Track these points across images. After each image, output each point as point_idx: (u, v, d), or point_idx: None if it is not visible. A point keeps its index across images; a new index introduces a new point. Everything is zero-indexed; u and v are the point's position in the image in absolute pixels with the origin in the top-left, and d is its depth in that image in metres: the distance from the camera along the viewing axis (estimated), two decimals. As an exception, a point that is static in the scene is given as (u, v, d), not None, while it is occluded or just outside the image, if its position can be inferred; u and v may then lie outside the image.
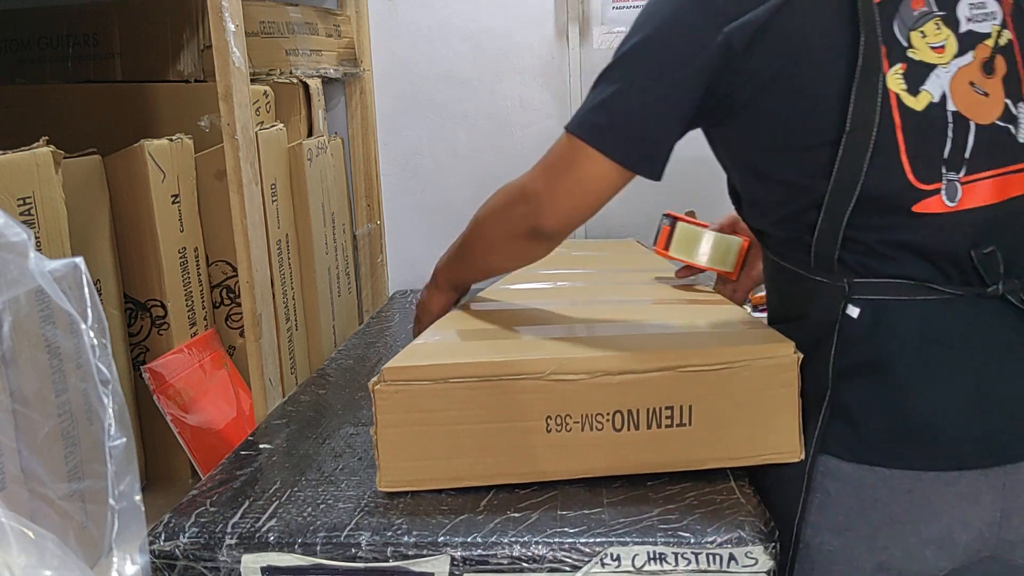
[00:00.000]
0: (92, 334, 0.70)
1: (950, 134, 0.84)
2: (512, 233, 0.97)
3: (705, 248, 1.19)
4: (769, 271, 1.00)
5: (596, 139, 0.87)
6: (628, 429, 0.87)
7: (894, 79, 0.83)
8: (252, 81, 1.31)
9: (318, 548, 0.82)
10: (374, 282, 1.94)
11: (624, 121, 0.87)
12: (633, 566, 0.80)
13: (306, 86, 1.63)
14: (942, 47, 0.84)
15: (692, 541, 0.81)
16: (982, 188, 0.84)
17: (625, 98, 0.87)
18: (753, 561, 0.80)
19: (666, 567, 0.80)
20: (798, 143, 0.86)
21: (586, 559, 0.81)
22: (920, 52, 0.84)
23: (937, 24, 0.84)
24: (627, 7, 1.81)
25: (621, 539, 0.81)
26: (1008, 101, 0.85)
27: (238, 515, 0.87)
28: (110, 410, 0.70)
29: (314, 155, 1.58)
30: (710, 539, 0.81)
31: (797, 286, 0.91)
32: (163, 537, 0.85)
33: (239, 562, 0.83)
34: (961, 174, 0.84)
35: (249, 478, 0.96)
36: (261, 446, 1.06)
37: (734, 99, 0.86)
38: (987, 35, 0.85)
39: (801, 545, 0.91)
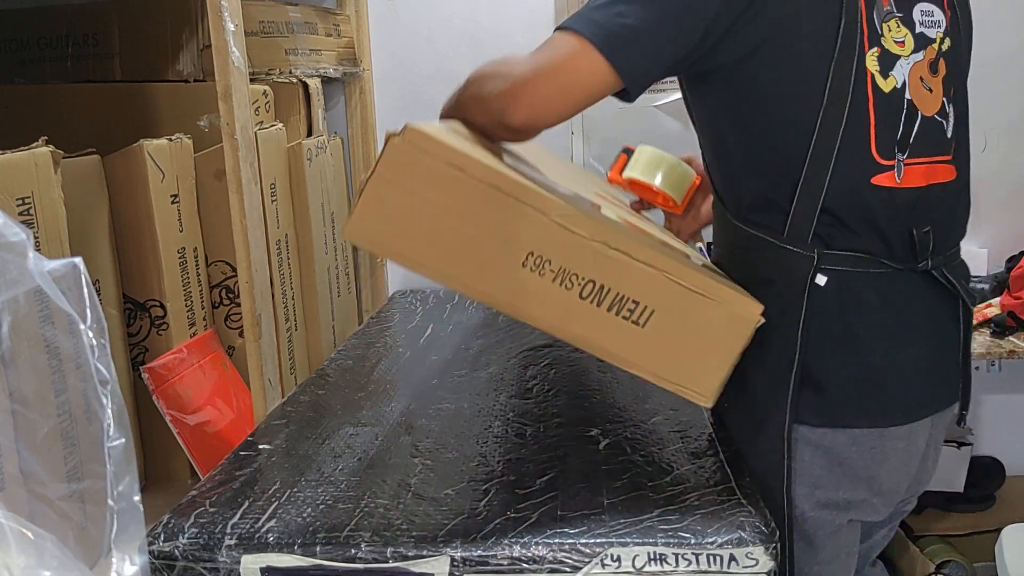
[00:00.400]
0: (91, 334, 0.70)
1: (903, 119, 0.94)
2: (484, 111, 0.96)
3: (664, 170, 1.18)
4: (731, 238, 1.02)
5: (602, 41, 0.87)
6: (591, 302, 0.86)
7: (871, 59, 0.92)
8: (251, 81, 1.31)
9: (318, 549, 0.82)
10: (374, 282, 1.94)
11: (629, 32, 0.88)
12: (633, 567, 0.80)
13: (305, 86, 1.62)
14: (903, 42, 0.94)
15: (692, 542, 0.81)
16: (917, 172, 0.95)
17: (634, 12, 0.88)
18: (754, 562, 0.80)
19: (666, 568, 0.80)
20: (783, 113, 0.92)
21: (586, 560, 0.80)
22: (888, 42, 0.93)
23: (897, 23, 0.94)
24: (627, 7, 1.80)
25: (621, 540, 0.81)
26: (944, 99, 0.97)
27: (237, 516, 0.87)
28: (109, 410, 0.70)
29: (314, 155, 1.58)
30: (710, 540, 0.81)
31: (765, 254, 0.96)
32: (162, 538, 0.84)
33: (238, 563, 0.83)
34: (905, 156, 0.94)
35: (248, 479, 0.96)
36: (260, 447, 1.05)
37: (728, 54, 0.91)
38: (934, 40, 0.96)
39: (795, 516, 0.98)
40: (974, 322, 1.57)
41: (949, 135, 0.97)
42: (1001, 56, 1.85)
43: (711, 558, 0.80)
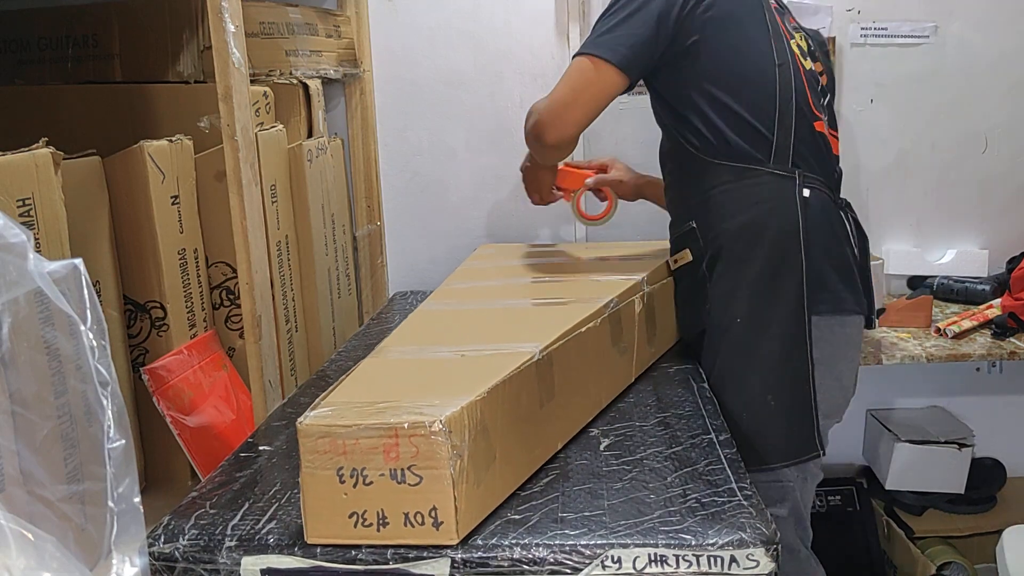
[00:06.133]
0: (91, 336, 0.70)
1: (819, 90, 1.35)
2: (529, 144, 1.36)
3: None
4: (720, 178, 1.29)
5: (605, 53, 1.23)
6: None
7: (794, 45, 1.32)
8: (252, 82, 1.31)
9: (318, 550, 0.82)
10: (374, 283, 1.94)
11: (620, 41, 1.24)
12: (634, 568, 0.80)
13: (306, 87, 1.62)
14: (805, 49, 1.36)
15: (693, 543, 0.80)
16: (834, 139, 1.36)
17: (620, 28, 1.24)
18: (754, 563, 0.80)
19: (667, 569, 0.80)
20: (749, 72, 1.27)
21: (587, 561, 0.80)
22: (800, 43, 1.35)
23: (802, 37, 1.37)
24: (627, 8, 1.81)
25: (622, 541, 0.81)
26: (823, 99, 1.39)
27: (238, 517, 0.87)
28: (109, 412, 0.70)
29: (314, 156, 1.58)
30: (711, 541, 0.81)
31: (759, 179, 1.26)
32: (162, 539, 0.84)
33: (239, 564, 0.83)
34: (826, 120, 1.35)
35: (249, 480, 0.96)
36: (261, 448, 1.05)
37: (692, 37, 1.25)
38: (818, 60, 1.39)
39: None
40: (975, 322, 1.73)
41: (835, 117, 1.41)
42: (1001, 56, 1.85)
43: (712, 559, 0.80)
